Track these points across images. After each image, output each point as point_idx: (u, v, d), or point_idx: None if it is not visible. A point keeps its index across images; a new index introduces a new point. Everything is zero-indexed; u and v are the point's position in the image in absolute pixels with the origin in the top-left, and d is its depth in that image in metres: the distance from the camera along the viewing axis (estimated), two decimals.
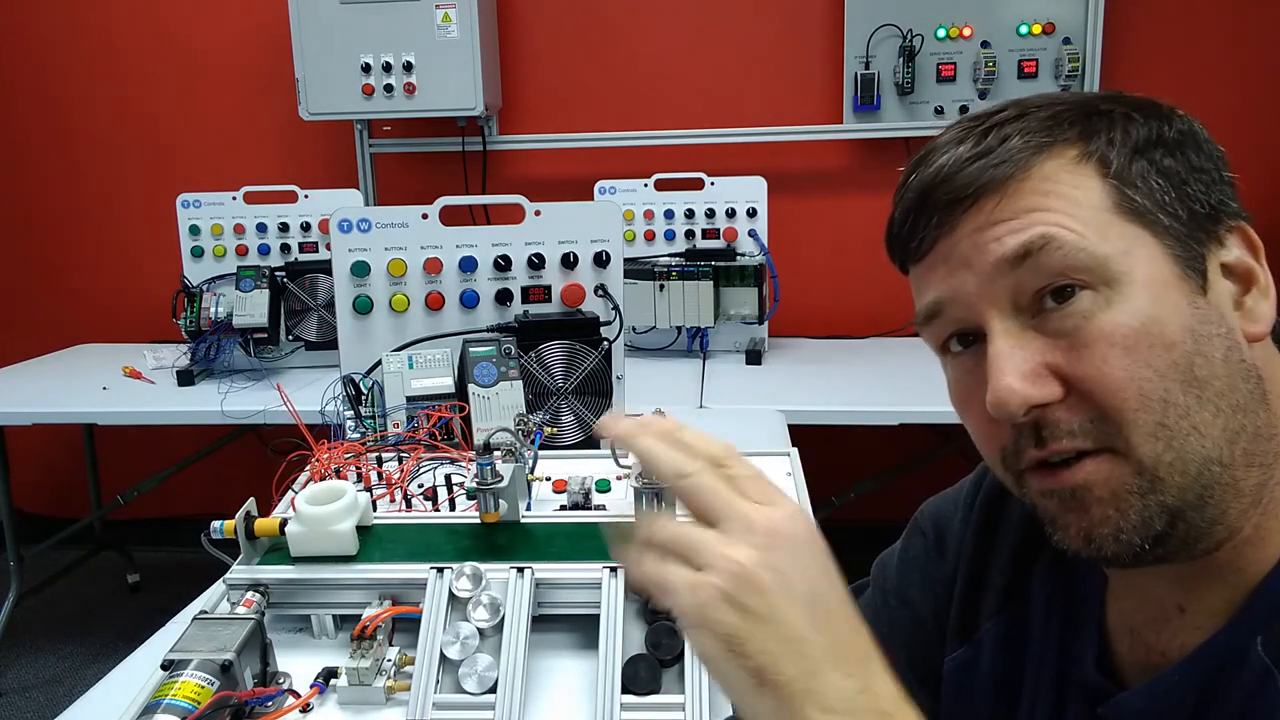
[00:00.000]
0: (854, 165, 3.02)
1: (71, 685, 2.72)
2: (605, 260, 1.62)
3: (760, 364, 2.56)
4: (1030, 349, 0.55)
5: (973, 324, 0.58)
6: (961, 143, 0.58)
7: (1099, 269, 0.53)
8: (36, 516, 3.27)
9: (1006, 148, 0.56)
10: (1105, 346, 0.53)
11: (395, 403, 1.49)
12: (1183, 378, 0.52)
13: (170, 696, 0.77)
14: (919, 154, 0.61)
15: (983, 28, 2.77)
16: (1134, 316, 0.53)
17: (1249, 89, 2.82)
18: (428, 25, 2.72)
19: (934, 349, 0.63)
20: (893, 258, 0.64)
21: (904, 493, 2.36)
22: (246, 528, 1.02)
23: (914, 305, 0.62)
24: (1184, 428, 0.52)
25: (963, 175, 0.56)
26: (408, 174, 3.17)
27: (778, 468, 1.42)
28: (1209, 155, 0.58)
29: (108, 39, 3.18)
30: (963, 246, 0.57)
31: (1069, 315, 0.54)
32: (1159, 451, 0.52)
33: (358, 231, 1.58)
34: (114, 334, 3.14)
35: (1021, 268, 0.54)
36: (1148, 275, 0.54)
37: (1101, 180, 0.55)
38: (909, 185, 0.60)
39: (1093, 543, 0.55)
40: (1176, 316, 0.53)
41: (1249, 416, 0.54)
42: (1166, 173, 0.56)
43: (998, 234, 0.55)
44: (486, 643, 0.92)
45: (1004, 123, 0.57)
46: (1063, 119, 0.57)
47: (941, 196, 0.57)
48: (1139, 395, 0.52)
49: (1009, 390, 0.54)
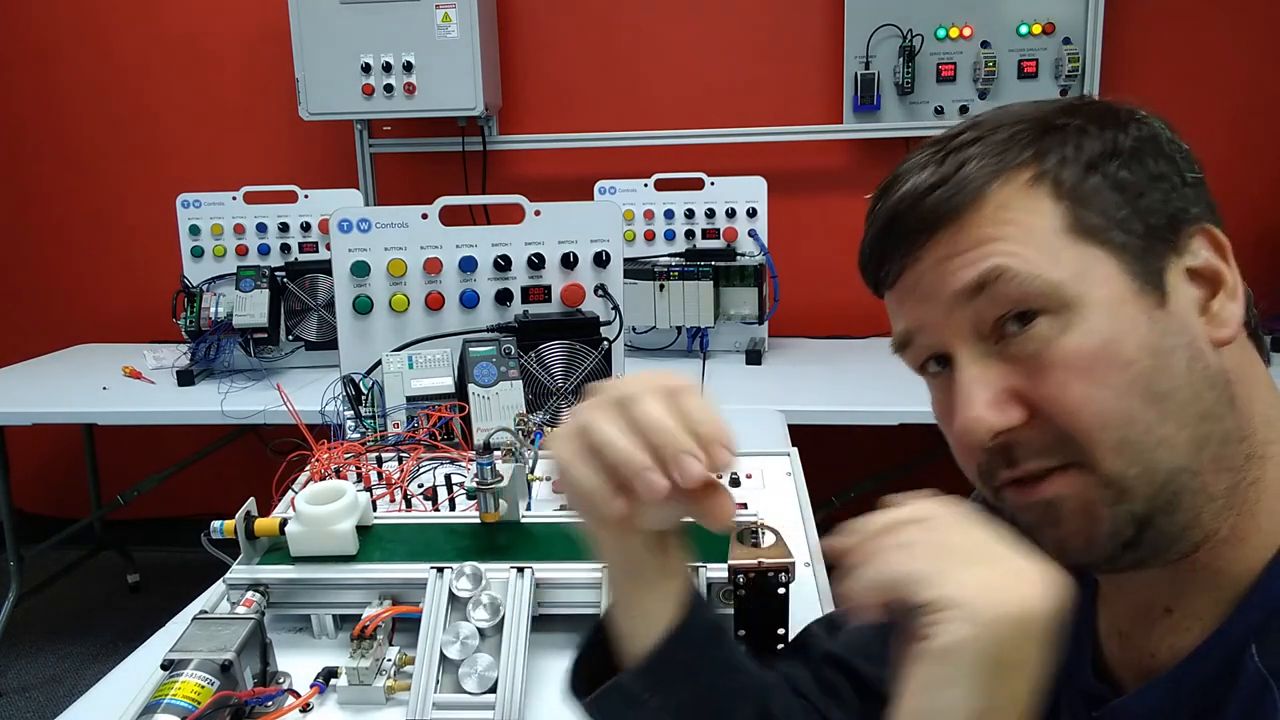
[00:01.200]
0: (854, 165, 3.02)
1: (71, 685, 2.72)
2: (605, 260, 1.62)
3: (760, 364, 2.56)
4: (992, 375, 0.56)
5: (941, 350, 0.60)
6: (924, 169, 0.59)
7: (1053, 294, 0.54)
8: (36, 516, 3.26)
9: (962, 175, 0.57)
10: (1063, 371, 0.54)
11: (395, 403, 1.49)
12: (1143, 394, 0.53)
13: (170, 696, 0.77)
14: (886, 179, 0.62)
15: (983, 28, 2.77)
16: (1090, 338, 0.54)
17: (1248, 89, 2.82)
18: (428, 25, 2.72)
19: (913, 370, 0.65)
20: (866, 283, 0.66)
21: (904, 493, 2.35)
22: (246, 528, 1.02)
23: (891, 326, 0.65)
24: (1148, 442, 0.53)
25: (922, 206, 0.58)
26: (408, 174, 3.17)
27: (778, 468, 1.43)
28: (1170, 158, 0.58)
29: (107, 39, 3.18)
30: (926, 279, 0.59)
31: (1029, 340, 0.55)
32: (1123, 467, 0.54)
33: (358, 231, 1.59)
34: (114, 334, 3.14)
35: (979, 298, 0.56)
36: (1104, 295, 0.55)
37: (1054, 203, 0.56)
38: (876, 213, 0.62)
39: (1067, 554, 0.55)
40: (1134, 334, 0.54)
41: (1216, 423, 0.55)
42: (1121, 185, 0.56)
43: (953, 267, 0.57)
44: (486, 643, 0.92)
45: (962, 146, 0.58)
46: (1018, 140, 0.58)
47: (904, 227, 0.59)
48: (1097, 415, 0.53)
49: (975, 420, 0.56)
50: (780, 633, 0.87)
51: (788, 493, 1.35)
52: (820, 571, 1.14)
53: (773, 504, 1.30)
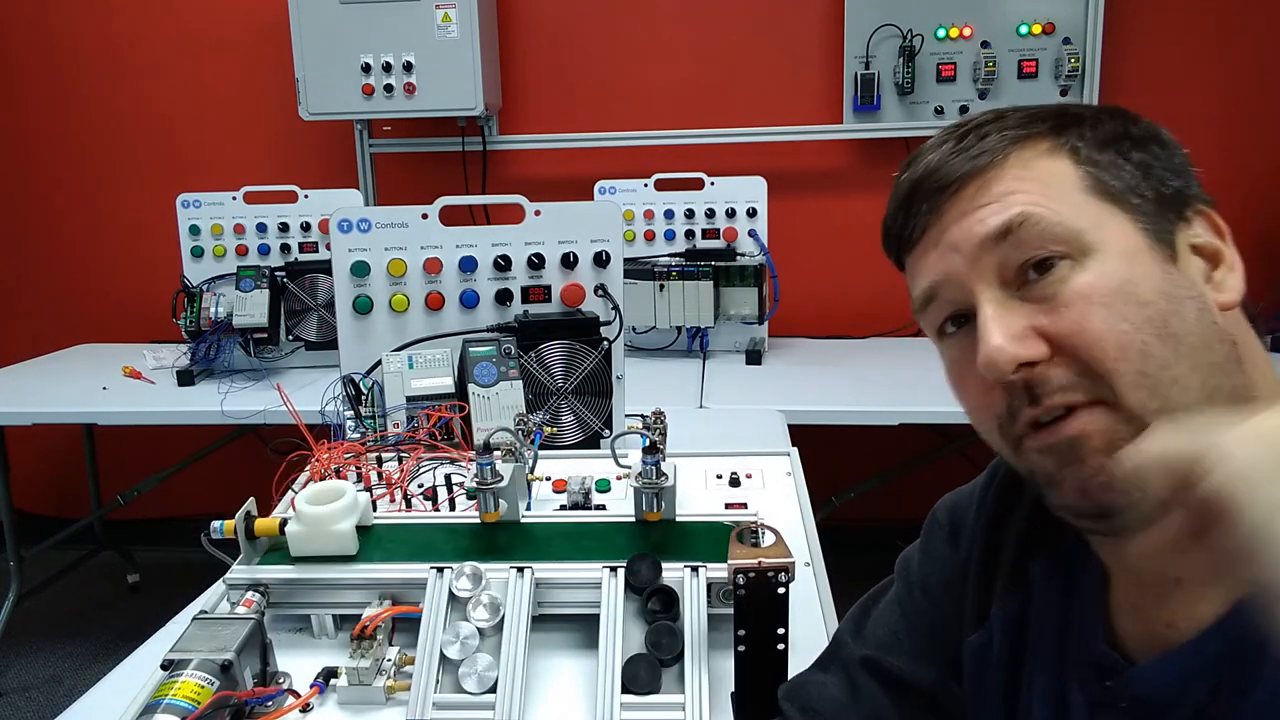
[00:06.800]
0: (854, 165, 3.02)
1: (71, 685, 2.72)
2: (605, 260, 1.62)
3: (760, 364, 2.56)
4: (1016, 315, 0.59)
5: (965, 304, 0.62)
6: (945, 143, 0.64)
7: (1074, 240, 0.58)
8: (36, 516, 3.27)
9: (985, 143, 0.62)
10: (1083, 304, 0.57)
11: (395, 403, 1.49)
12: (1158, 331, 0.56)
13: (170, 696, 0.77)
14: (908, 159, 0.66)
15: (983, 28, 2.77)
16: (1108, 278, 0.57)
17: (1248, 89, 2.81)
18: (428, 25, 2.72)
19: (932, 334, 0.67)
20: (888, 252, 0.69)
21: (904, 493, 2.35)
22: (246, 528, 1.03)
23: (911, 292, 0.67)
24: (1165, 378, 0.55)
25: (946, 167, 0.62)
26: (408, 174, 3.17)
27: (778, 468, 1.43)
28: (1172, 152, 0.62)
29: (107, 39, 3.18)
30: (950, 231, 0.62)
31: (1050, 283, 0.58)
32: (1144, 399, 0.55)
33: (358, 231, 1.59)
34: (114, 334, 3.14)
35: (1004, 243, 0.59)
36: (1121, 245, 0.58)
37: (1074, 165, 0.60)
38: (900, 184, 0.66)
39: (1089, 494, 0.57)
40: (1149, 280, 0.57)
41: (1226, 377, 0.57)
42: (1133, 161, 0.61)
43: (980, 216, 0.60)
44: (486, 643, 0.92)
45: (983, 124, 0.63)
46: (1036, 118, 0.63)
47: (928, 187, 0.63)
48: (1117, 345, 0.56)
49: (998, 350, 0.58)
50: (780, 633, 0.87)
51: (788, 493, 1.35)
52: (820, 571, 1.14)
53: (773, 504, 1.30)
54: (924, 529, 0.83)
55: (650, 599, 0.95)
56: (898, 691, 0.77)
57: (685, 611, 0.94)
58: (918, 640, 0.78)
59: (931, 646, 0.77)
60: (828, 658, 0.83)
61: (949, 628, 0.76)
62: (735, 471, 1.39)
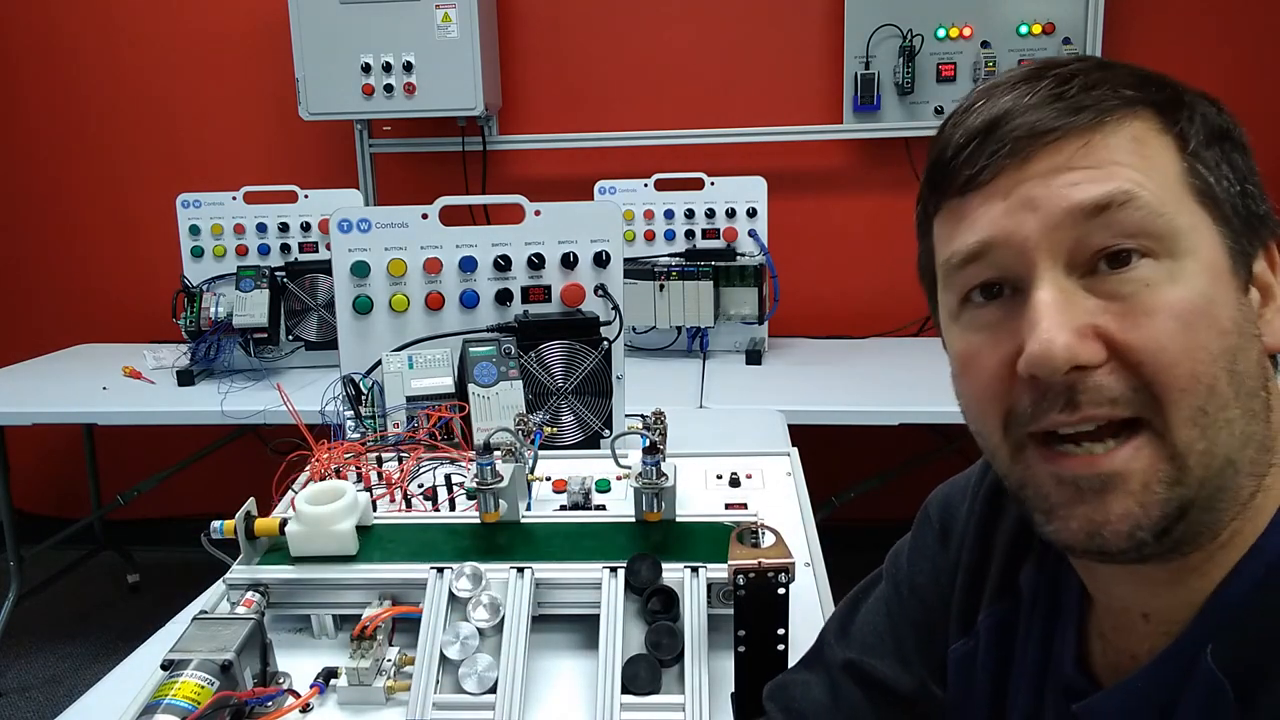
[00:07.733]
0: (854, 165, 3.02)
1: (71, 685, 2.72)
2: (605, 260, 1.62)
3: (760, 364, 2.56)
4: (1078, 307, 0.51)
5: (1015, 276, 0.54)
6: (1040, 82, 0.54)
7: (1170, 239, 0.51)
8: (36, 516, 3.27)
9: (1095, 94, 0.53)
10: (1168, 318, 0.50)
11: (395, 403, 1.49)
12: (1229, 366, 0.51)
13: (170, 696, 0.77)
14: (973, 91, 0.58)
15: (983, 28, 2.77)
16: (1196, 294, 0.50)
17: (1247, 89, 2.81)
18: (428, 25, 2.72)
19: (955, 298, 0.58)
20: (934, 187, 0.59)
21: (904, 493, 2.35)
22: (246, 528, 1.03)
23: (947, 245, 0.58)
24: (1220, 419, 0.50)
25: (1045, 110, 0.53)
26: (408, 174, 3.17)
27: (778, 468, 1.43)
28: (1254, 166, 0.56)
29: (106, 39, 3.18)
30: (1031, 186, 0.53)
31: (1128, 281, 0.51)
32: (1194, 438, 0.50)
33: (358, 231, 1.59)
34: (114, 334, 3.14)
35: (1094, 221, 0.51)
36: (1209, 259, 0.52)
37: (1179, 154, 0.53)
38: (972, 110, 0.56)
39: (1096, 537, 0.52)
40: (1227, 307, 0.51)
41: (1260, 425, 0.53)
42: (1234, 166, 0.54)
43: (1076, 179, 0.52)
44: (486, 643, 0.92)
45: (1089, 71, 0.54)
46: (1149, 83, 0.54)
47: (1018, 126, 0.53)
48: (1191, 375, 0.50)
49: (1063, 347, 0.50)
50: (780, 633, 0.86)
51: (788, 493, 1.35)
52: (820, 571, 1.14)
53: (773, 504, 1.30)
54: (915, 523, 0.81)
55: (650, 599, 0.95)
56: (879, 696, 0.76)
57: (685, 612, 0.94)
58: (903, 643, 0.76)
59: (917, 650, 0.76)
60: (812, 657, 0.83)
61: (935, 631, 0.75)
62: (735, 472, 1.39)
